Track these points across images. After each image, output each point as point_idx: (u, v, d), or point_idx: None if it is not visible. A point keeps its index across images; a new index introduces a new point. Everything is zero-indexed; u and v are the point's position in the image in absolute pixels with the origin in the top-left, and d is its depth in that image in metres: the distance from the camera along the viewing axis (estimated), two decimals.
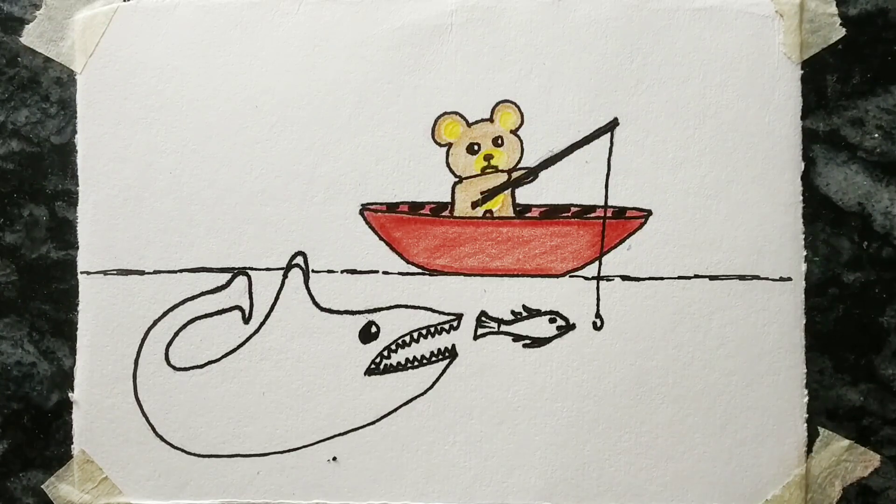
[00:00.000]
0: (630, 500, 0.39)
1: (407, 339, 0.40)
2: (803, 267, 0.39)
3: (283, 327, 0.40)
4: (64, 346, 0.40)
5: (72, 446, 0.40)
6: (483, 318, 0.40)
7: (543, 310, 0.40)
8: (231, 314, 0.40)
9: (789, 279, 0.39)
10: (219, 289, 0.40)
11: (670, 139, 0.40)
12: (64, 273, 0.41)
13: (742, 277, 0.39)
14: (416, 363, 0.40)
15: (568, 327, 0.39)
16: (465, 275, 0.40)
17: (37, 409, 0.41)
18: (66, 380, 0.40)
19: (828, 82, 0.40)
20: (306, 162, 0.40)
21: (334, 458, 0.40)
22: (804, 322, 0.39)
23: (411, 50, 0.40)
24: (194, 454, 0.40)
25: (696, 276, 0.39)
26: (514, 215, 0.40)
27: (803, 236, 0.39)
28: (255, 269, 0.40)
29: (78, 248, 0.40)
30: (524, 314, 0.40)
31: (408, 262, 0.40)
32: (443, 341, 0.40)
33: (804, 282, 0.39)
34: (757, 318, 0.39)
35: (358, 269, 0.40)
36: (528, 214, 0.40)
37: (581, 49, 0.40)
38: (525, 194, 0.40)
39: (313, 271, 0.40)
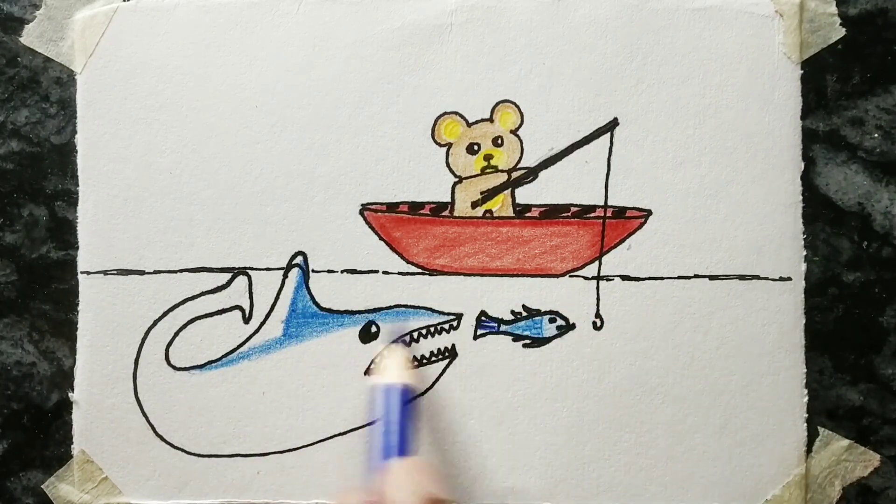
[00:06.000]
0: (630, 500, 0.39)
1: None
2: (803, 267, 0.39)
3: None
4: (64, 346, 0.40)
5: (72, 446, 0.40)
6: (483, 318, 0.40)
7: (543, 310, 0.40)
8: (231, 314, 0.40)
9: (789, 279, 0.39)
10: (219, 289, 0.40)
11: (670, 139, 0.40)
12: (64, 273, 0.41)
13: (742, 277, 0.39)
14: (415, 363, 0.40)
15: (568, 327, 0.39)
16: (465, 275, 0.40)
17: (37, 409, 0.41)
18: (66, 380, 0.40)
19: (828, 82, 0.40)
20: (306, 162, 0.40)
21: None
22: (804, 322, 0.39)
23: (411, 50, 0.40)
24: (194, 454, 0.40)
25: (696, 276, 0.39)
26: (513, 215, 0.40)
27: (803, 236, 0.39)
28: (255, 269, 0.40)
29: (78, 248, 0.40)
30: (524, 314, 0.40)
31: (408, 262, 0.40)
32: (443, 341, 0.40)
33: (804, 282, 0.39)
34: (757, 318, 0.39)
35: (358, 269, 0.40)
36: (528, 214, 0.40)
37: (581, 49, 0.40)
38: (525, 194, 0.40)
39: (313, 271, 0.40)
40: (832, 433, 0.39)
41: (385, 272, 0.40)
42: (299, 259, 0.40)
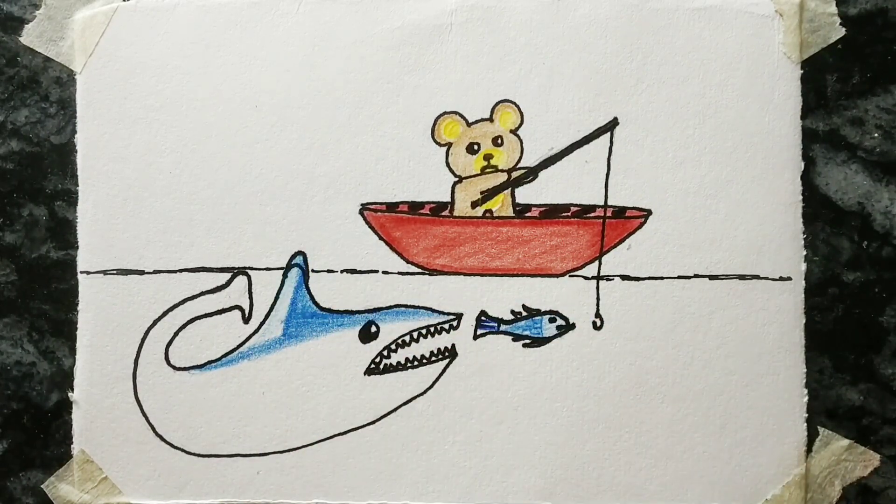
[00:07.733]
0: (630, 500, 0.39)
1: (407, 338, 0.40)
2: (803, 267, 0.39)
3: None
4: (64, 346, 0.40)
5: (72, 446, 0.40)
6: (483, 318, 0.40)
7: (543, 309, 0.40)
8: (231, 314, 0.40)
9: (789, 279, 0.39)
10: (219, 289, 0.40)
11: (670, 139, 0.40)
12: (64, 273, 0.41)
13: (742, 277, 0.39)
14: (415, 363, 0.40)
15: (568, 327, 0.39)
16: (465, 274, 0.40)
17: (37, 409, 0.41)
18: (65, 380, 0.40)
19: (828, 82, 0.40)
20: (306, 162, 0.40)
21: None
22: (804, 322, 0.39)
23: (411, 50, 0.40)
24: (194, 454, 0.40)
25: (696, 276, 0.39)
26: (513, 215, 0.40)
27: (803, 236, 0.39)
28: (255, 269, 0.40)
29: (78, 247, 0.40)
30: (524, 314, 0.40)
31: (408, 261, 0.40)
32: (443, 341, 0.40)
33: (804, 281, 0.39)
34: (757, 318, 0.39)
35: (358, 269, 0.40)
36: (528, 214, 0.40)
37: (581, 49, 0.40)
38: (525, 194, 0.40)
39: (313, 271, 0.40)
40: (832, 433, 0.39)
41: (385, 272, 0.40)
42: (299, 259, 0.40)
